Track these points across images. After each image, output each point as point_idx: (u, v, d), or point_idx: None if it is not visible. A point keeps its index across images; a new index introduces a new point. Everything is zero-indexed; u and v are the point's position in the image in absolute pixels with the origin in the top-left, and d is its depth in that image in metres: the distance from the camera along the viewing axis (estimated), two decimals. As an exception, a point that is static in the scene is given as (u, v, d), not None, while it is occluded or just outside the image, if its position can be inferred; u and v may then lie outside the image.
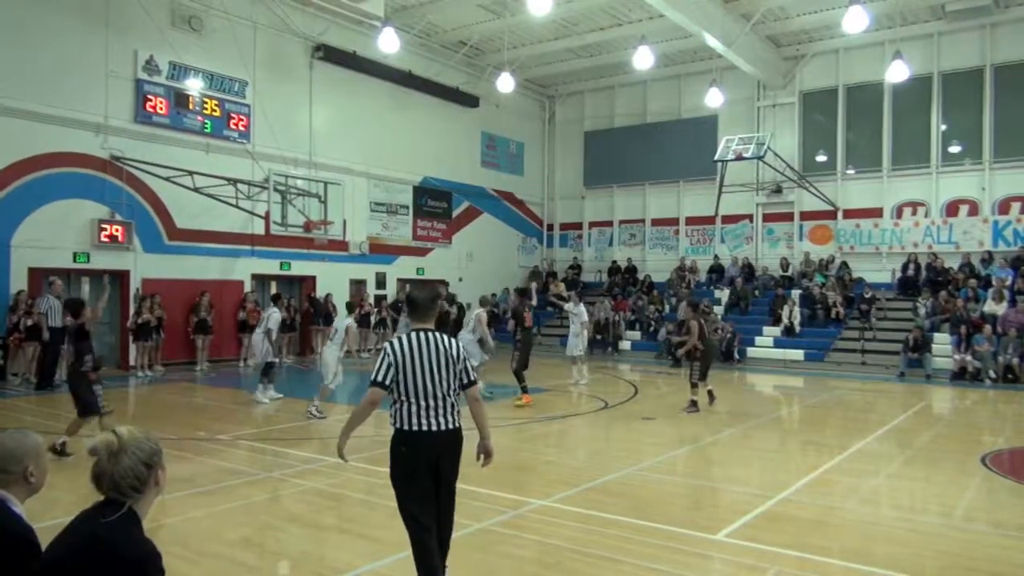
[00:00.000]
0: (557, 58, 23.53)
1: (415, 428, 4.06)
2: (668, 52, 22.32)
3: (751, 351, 19.41)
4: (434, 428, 4.08)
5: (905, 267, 20.21)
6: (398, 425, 4.10)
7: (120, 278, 15.80)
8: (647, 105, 25.07)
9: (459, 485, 4.37)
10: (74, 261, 14.85)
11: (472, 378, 4.31)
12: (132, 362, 15.44)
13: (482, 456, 4.40)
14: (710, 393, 11.76)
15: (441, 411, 4.11)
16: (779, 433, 10.48)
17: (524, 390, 12.08)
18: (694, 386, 11.52)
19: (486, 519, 5.87)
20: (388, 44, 17.52)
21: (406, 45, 19.78)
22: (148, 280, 15.83)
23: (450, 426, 4.15)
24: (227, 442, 8.99)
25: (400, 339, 4.18)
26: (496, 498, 6.48)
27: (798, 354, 18.78)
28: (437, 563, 4.11)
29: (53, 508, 5.12)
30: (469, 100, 23.50)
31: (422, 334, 4.16)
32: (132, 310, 15.38)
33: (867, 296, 19.45)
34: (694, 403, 11.42)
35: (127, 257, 15.65)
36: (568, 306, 15.55)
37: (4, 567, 2.37)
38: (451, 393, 4.17)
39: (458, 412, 4.21)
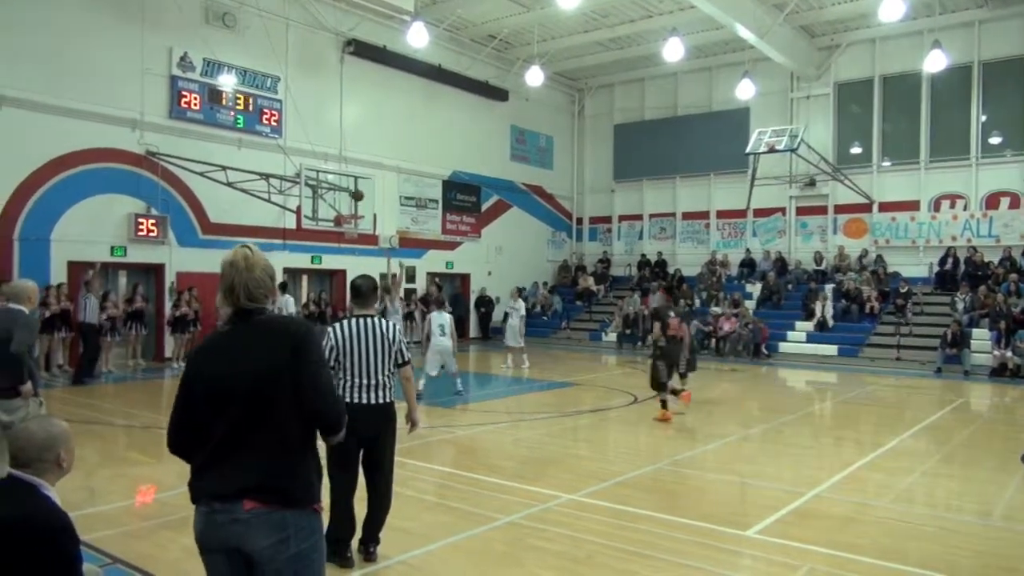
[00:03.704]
0: (587, 51, 23.38)
1: (351, 401, 4.56)
2: (699, 44, 22.07)
3: (783, 346, 19.19)
4: (366, 402, 4.60)
5: (943, 261, 19.79)
6: None
7: (155, 271, 16.11)
8: (678, 97, 24.82)
9: (487, 478, 4.39)
10: (111, 255, 15.15)
11: (406, 359, 4.89)
12: (168, 354, 15.75)
13: (409, 424, 5.02)
14: (673, 391, 11.38)
15: (375, 388, 4.64)
16: (811, 429, 10.35)
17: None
18: (683, 376, 11.47)
19: (515, 512, 5.89)
20: (418, 38, 17.56)
21: (435, 39, 19.82)
22: (182, 273, 16.10)
23: (382, 401, 4.67)
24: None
25: (342, 324, 4.69)
26: (525, 492, 6.49)
27: (831, 349, 18.51)
28: (348, 527, 4.74)
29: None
30: (498, 94, 23.48)
31: (363, 320, 4.70)
32: (170, 303, 15.68)
33: (903, 290, 19.09)
34: (674, 391, 11.11)
35: (162, 251, 15.93)
36: (510, 302, 17.00)
37: (38, 549, 2.45)
38: (386, 372, 4.70)
39: (391, 390, 4.72)
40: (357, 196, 16.38)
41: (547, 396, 12.87)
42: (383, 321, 4.81)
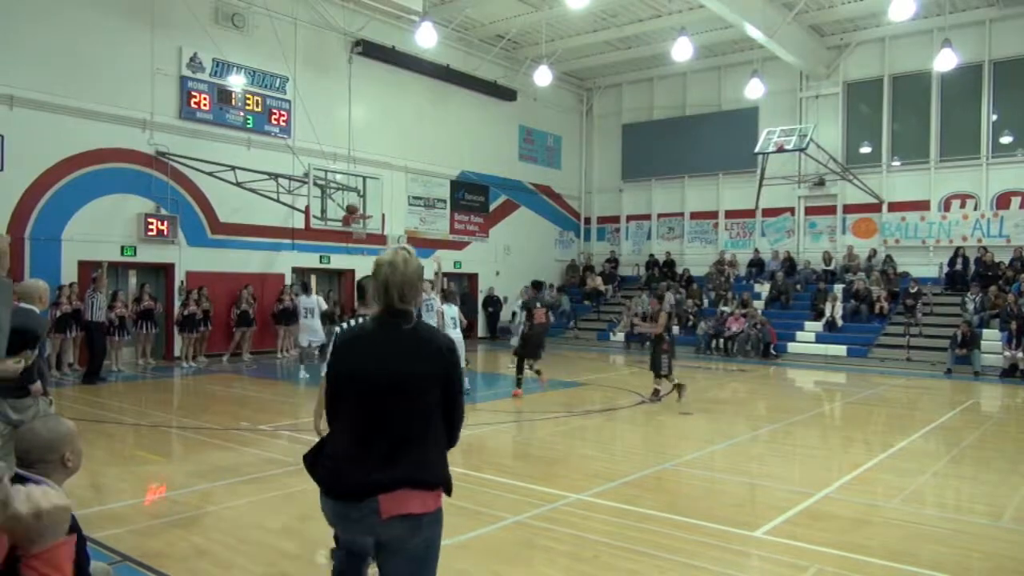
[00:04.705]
0: (595, 50, 23.37)
1: None
2: (708, 43, 22.02)
3: (792, 346, 19.12)
4: None
5: (952, 261, 19.68)
6: None
7: (165, 271, 16.19)
8: (686, 97, 24.77)
9: (495, 478, 4.39)
10: (122, 254, 15.24)
11: None
12: (176, 353, 15.83)
13: None
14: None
15: None
16: (820, 430, 10.30)
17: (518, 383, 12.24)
18: (663, 377, 11.50)
19: (522, 512, 5.89)
20: (426, 39, 17.58)
21: (444, 39, 19.85)
22: (192, 273, 16.17)
23: None
24: (268, 432, 9.16)
25: (349, 324, 4.70)
26: (532, 491, 6.49)
27: (840, 350, 18.43)
28: None
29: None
30: (507, 94, 23.49)
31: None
32: (178, 302, 15.77)
33: (912, 291, 18.99)
34: (657, 392, 11.54)
35: (172, 250, 16.01)
36: (519, 302, 17.33)
37: None
38: None
39: None
40: (351, 210, 16.46)
41: (555, 396, 12.85)
42: None
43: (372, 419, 2.66)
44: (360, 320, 4.84)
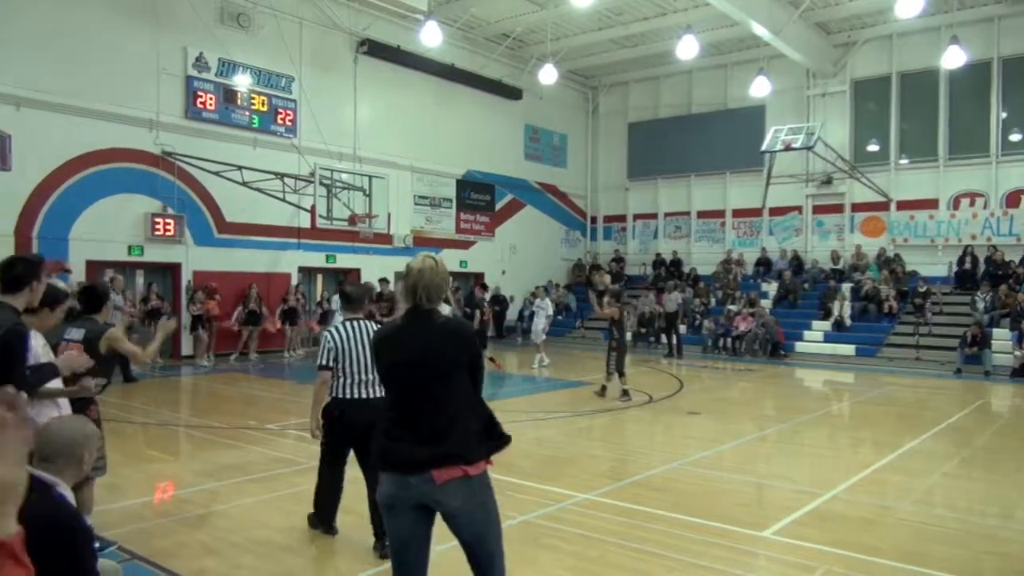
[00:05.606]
0: (601, 49, 23.31)
1: (350, 396, 4.92)
2: (714, 41, 21.95)
3: (800, 346, 19.03)
4: (366, 396, 4.93)
5: (962, 260, 19.55)
6: (335, 394, 4.96)
7: (172, 271, 16.22)
8: (692, 95, 24.69)
9: (502, 477, 4.39)
10: (128, 254, 15.28)
11: None
12: (187, 351, 15.86)
13: None
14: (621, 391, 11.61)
15: (372, 383, 4.93)
16: (828, 429, 10.26)
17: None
18: (621, 375, 11.50)
19: (529, 511, 5.87)
20: (431, 38, 17.57)
21: (449, 38, 19.83)
22: (199, 272, 16.20)
23: (379, 395, 4.86)
24: (275, 431, 9.16)
25: (338, 327, 5.04)
26: (540, 491, 6.48)
27: (849, 349, 18.34)
28: (334, 506, 5.20)
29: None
30: (512, 92, 23.46)
31: (356, 322, 5.07)
32: (184, 301, 15.79)
33: (921, 290, 18.88)
34: (626, 392, 11.46)
35: (179, 250, 16.04)
36: (537, 301, 17.44)
37: (52, 548, 2.45)
38: None
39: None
40: (351, 222, 16.95)
41: (562, 395, 12.84)
42: (372, 324, 5.21)
43: (417, 400, 3.05)
44: (351, 323, 5.05)
